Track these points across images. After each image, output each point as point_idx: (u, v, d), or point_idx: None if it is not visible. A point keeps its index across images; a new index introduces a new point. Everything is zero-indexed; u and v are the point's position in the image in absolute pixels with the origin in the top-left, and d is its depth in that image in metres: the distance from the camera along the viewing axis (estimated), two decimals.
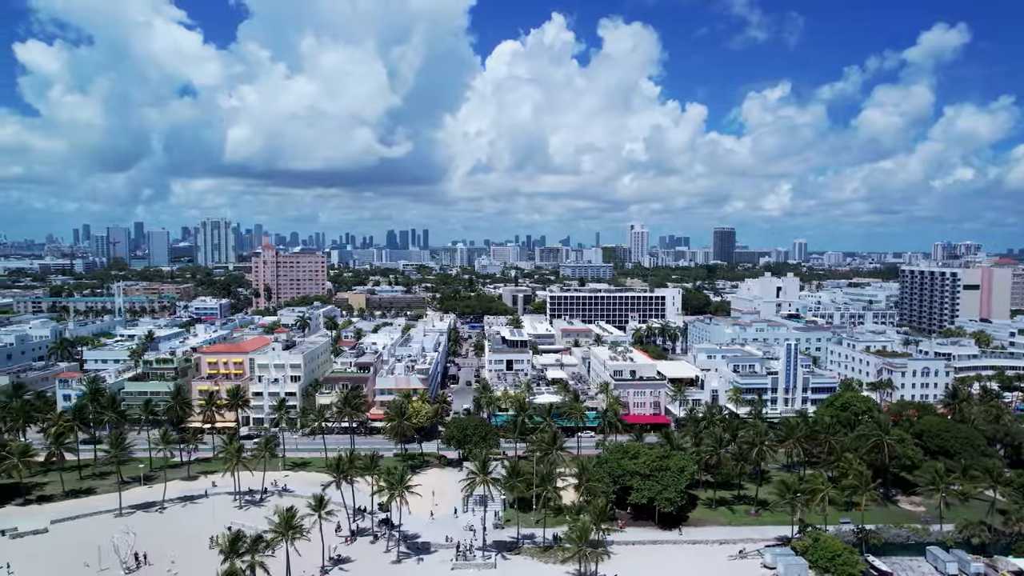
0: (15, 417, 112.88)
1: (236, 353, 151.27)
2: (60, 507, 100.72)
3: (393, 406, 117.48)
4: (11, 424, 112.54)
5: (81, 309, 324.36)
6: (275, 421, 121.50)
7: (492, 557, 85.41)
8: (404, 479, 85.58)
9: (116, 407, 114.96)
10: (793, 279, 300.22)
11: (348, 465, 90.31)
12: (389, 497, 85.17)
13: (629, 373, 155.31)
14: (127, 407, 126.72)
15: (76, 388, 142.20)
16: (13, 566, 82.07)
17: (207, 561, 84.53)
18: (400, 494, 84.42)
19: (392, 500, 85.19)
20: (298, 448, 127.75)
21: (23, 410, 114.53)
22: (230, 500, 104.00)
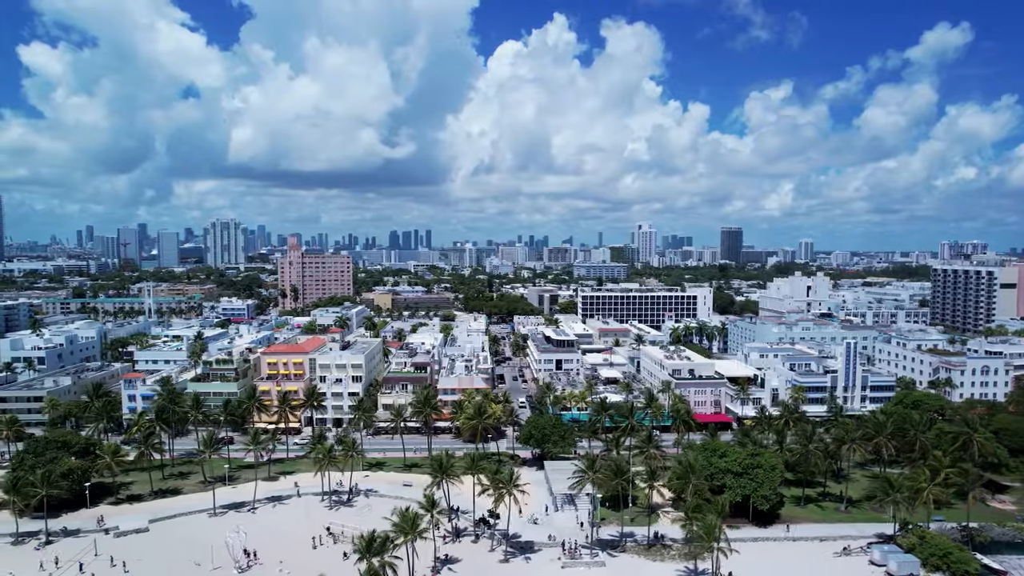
0: (98, 417, 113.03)
1: (296, 354, 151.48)
2: (153, 506, 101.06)
3: (474, 406, 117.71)
4: (95, 424, 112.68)
5: (109, 310, 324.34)
6: (353, 421, 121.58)
7: (599, 555, 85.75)
8: (513, 478, 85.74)
9: (199, 407, 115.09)
10: (823, 279, 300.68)
11: (450, 465, 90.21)
12: (498, 496, 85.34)
13: (687, 372, 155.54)
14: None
15: (142, 389, 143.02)
16: (127, 565, 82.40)
17: (312, 560, 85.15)
18: (509, 493, 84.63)
19: (501, 499, 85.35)
20: (369, 448, 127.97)
21: (105, 410, 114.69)
22: (318, 500, 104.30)
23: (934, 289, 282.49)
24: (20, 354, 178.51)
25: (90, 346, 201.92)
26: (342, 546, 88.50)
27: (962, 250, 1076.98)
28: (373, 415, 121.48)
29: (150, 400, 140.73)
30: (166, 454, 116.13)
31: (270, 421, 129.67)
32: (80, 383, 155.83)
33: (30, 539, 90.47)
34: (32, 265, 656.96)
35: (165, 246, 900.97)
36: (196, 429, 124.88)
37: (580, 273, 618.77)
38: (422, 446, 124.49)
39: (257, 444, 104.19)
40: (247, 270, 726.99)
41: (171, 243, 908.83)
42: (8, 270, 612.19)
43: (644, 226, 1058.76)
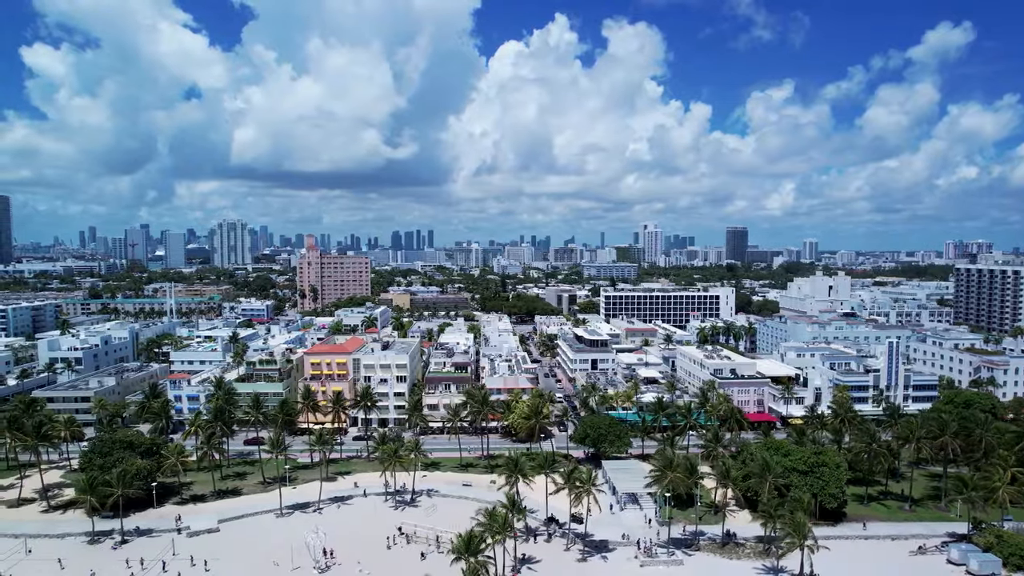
0: (157, 417, 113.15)
1: (339, 354, 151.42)
2: (217, 507, 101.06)
3: (531, 405, 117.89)
4: (156, 424, 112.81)
5: (130, 311, 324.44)
6: (410, 421, 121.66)
7: (675, 554, 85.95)
8: (592, 477, 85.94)
9: (259, 408, 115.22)
10: (844, 279, 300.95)
11: (524, 464, 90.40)
12: (576, 496, 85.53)
13: (729, 372, 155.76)
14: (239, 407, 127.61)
15: (188, 389, 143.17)
16: (208, 564, 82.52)
17: (389, 560, 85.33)
18: (588, 492, 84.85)
19: (580, 499, 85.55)
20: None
21: (163, 410, 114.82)
22: (381, 500, 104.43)
23: (957, 288, 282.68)
24: (57, 355, 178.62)
25: (123, 347, 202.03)
26: (416, 546, 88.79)
27: (967, 249, 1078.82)
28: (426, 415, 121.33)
29: (195, 400, 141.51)
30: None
31: (318, 421, 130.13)
32: (123, 383, 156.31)
33: (105, 538, 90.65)
34: (42, 266, 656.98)
35: (172, 247, 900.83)
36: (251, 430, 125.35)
37: (591, 273, 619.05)
38: (468, 446, 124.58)
39: (322, 444, 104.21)
40: (255, 270, 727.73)
41: (178, 244, 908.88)
42: (18, 271, 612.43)
43: (650, 226, 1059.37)
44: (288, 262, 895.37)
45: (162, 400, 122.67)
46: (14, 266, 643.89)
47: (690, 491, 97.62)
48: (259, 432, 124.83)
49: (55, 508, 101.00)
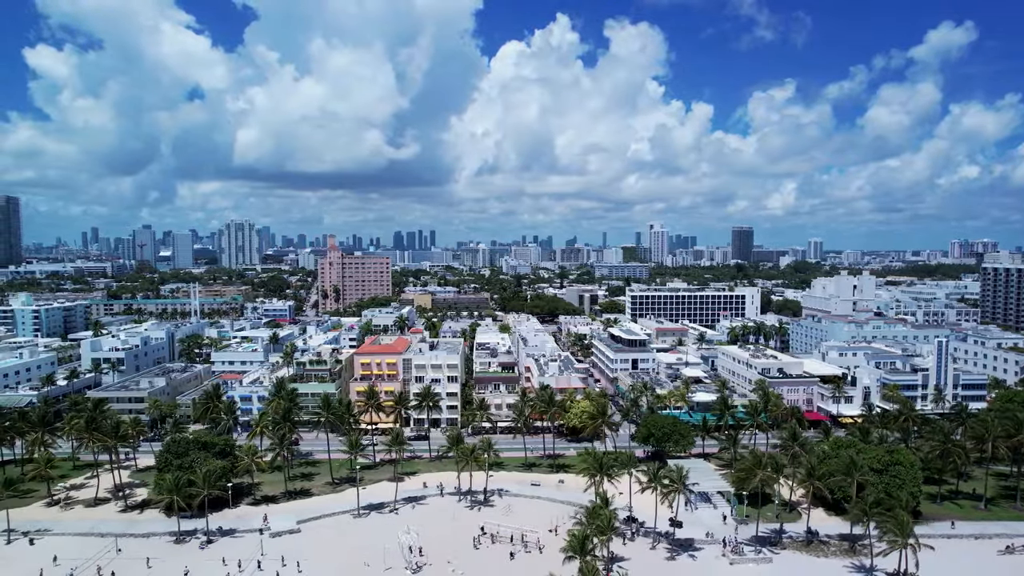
0: (226, 417, 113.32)
1: (389, 354, 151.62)
2: (291, 507, 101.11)
3: (599, 405, 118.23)
4: (225, 424, 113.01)
5: (153, 311, 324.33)
6: (476, 420, 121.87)
7: (763, 551, 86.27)
8: (683, 476, 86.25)
9: (329, 408, 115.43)
10: (869, 278, 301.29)
11: (610, 464, 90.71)
12: (666, 494, 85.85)
13: (777, 371, 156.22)
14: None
15: (240, 390, 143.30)
16: (300, 565, 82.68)
17: (478, 560, 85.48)
18: (680, 491, 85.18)
19: (668, 497, 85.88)
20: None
21: (231, 410, 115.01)
22: (455, 500, 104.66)
23: (983, 288, 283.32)
24: (99, 355, 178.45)
25: (160, 348, 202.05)
26: (501, 546, 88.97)
27: (973, 249, 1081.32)
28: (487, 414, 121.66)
29: (247, 401, 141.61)
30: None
31: (371, 422, 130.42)
32: (171, 384, 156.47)
33: (189, 538, 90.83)
34: (52, 267, 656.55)
35: (179, 247, 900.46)
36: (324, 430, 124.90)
37: (602, 273, 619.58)
38: (518, 445, 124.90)
39: (398, 445, 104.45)
40: (264, 270, 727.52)
41: (186, 244, 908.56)
42: (29, 272, 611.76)
43: (656, 226, 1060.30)
44: (296, 262, 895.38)
45: (228, 400, 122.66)
46: (24, 267, 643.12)
47: (763, 490, 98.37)
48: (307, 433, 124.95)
49: (132, 508, 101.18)
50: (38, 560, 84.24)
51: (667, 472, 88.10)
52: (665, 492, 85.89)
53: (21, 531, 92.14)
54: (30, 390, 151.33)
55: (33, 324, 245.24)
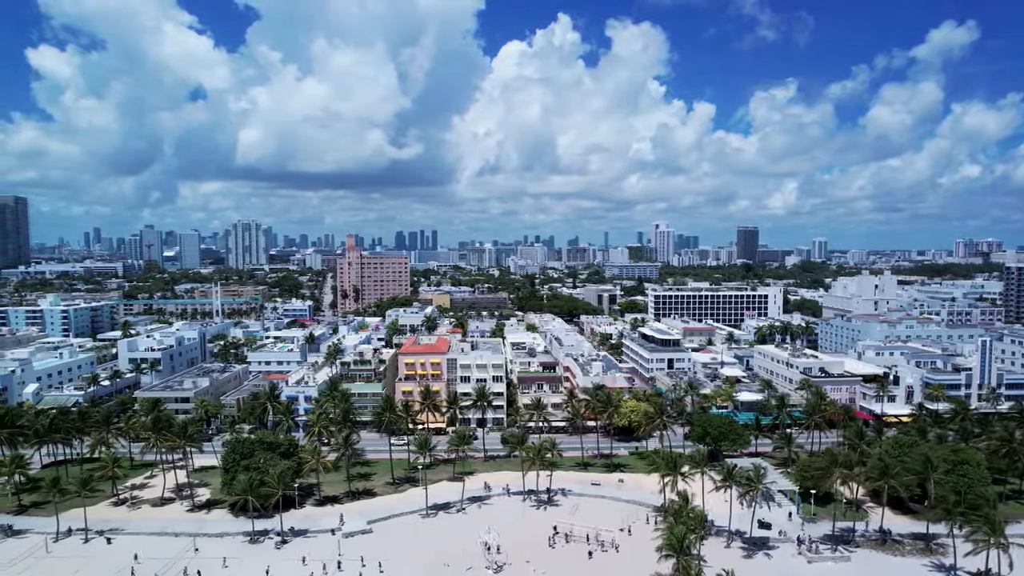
0: (284, 418, 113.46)
1: (434, 354, 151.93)
2: (356, 507, 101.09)
3: (655, 404, 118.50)
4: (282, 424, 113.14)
5: (173, 311, 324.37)
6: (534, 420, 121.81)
7: (838, 550, 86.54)
8: (760, 475, 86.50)
9: (393, 409, 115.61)
10: (891, 278, 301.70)
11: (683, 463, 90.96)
12: (744, 494, 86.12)
13: (818, 370, 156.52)
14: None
15: (287, 390, 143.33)
16: (382, 566, 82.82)
17: (556, 559, 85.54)
18: (757, 490, 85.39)
19: (753, 497, 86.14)
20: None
21: (289, 411, 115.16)
22: (520, 500, 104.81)
23: (1007, 287, 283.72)
24: (136, 355, 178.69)
25: (193, 348, 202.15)
26: (576, 545, 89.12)
27: (978, 248, 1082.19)
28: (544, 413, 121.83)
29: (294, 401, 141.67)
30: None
31: (417, 421, 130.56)
32: (214, 383, 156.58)
33: (263, 538, 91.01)
34: (61, 267, 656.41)
35: (186, 247, 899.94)
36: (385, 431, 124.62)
37: (613, 273, 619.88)
38: (569, 445, 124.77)
39: (463, 444, 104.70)
40: (272, 270, 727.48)
41: (192, 244, 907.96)
42: (39, 272, 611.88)
43: (661, 225, 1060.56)
44: (303, 262, 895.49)
45: (287, 401, 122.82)
46: (34, 267, 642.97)
47: (824, 489, 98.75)
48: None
49: (198, 507, 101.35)
50: (119, 559, 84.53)
51: (743, 471, 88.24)
52: (745, 491, 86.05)
53: (95, 530, 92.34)
54: (74, 390, 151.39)
55: (62, 324, 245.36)
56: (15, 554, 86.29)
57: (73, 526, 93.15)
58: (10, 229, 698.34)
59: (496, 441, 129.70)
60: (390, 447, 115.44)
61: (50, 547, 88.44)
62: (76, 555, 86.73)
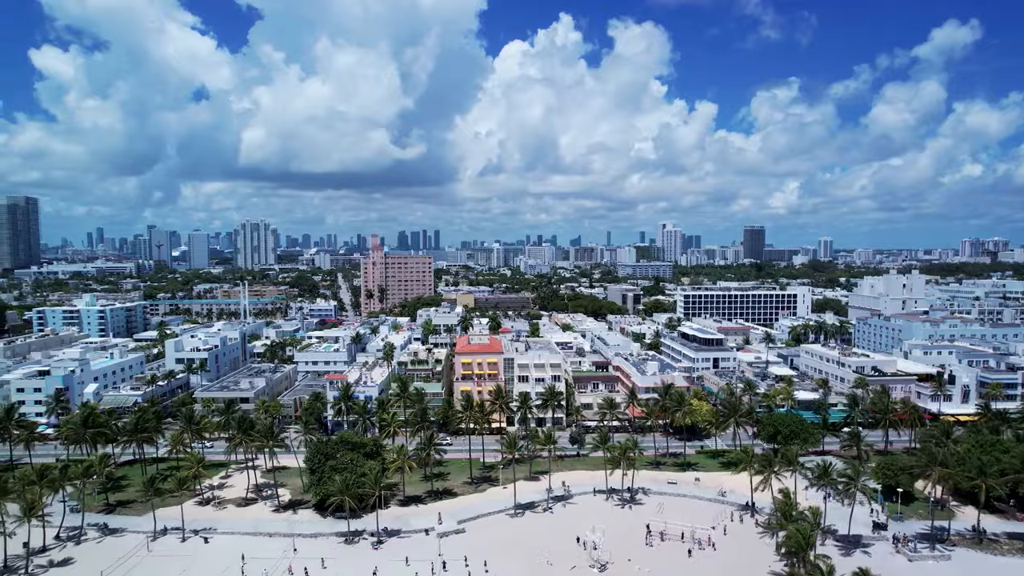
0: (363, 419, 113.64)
1: (490, 354, 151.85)
2: (444, 507, 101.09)
3: (730, 404, 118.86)
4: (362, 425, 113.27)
5: (199, 311, 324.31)
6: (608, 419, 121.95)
7: (936, 549, 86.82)
8: (859, 473, 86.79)
9: (471, 408, 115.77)
10: (919, 277, 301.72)
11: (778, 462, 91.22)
12: (844, 491, 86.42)
13: (871, 369, 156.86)
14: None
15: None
16: (487, 565, 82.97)
17: (656, 557, 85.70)
18: (856, 488, 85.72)
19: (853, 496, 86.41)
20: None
21: (366, 411, 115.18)
22: (603, 499, 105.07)
23: None
24: (183, 355, 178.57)
25: (235, 348, 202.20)
26: (671, 543, 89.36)
27: (983, 247, 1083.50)
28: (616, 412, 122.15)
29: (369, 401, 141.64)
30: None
31: (477, 422, 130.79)
32: (269, 383, 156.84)
33: (357, 538, 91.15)
34: (73, 267, 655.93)
35: (195, 248, 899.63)
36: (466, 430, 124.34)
37: (626, 272, 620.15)
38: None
39: (548, 443, 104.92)
40: (282, 271, 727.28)
41: (201, 244, 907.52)
42: (52, 272, 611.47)
43: (668, 225, 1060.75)
44: (312, 261, 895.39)
45: (363, 401, 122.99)
46: (46, 268, 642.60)
47: (908, 487, 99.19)
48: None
49: (283, 508, 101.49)
50: (222, 558, 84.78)
51: (841, 470, 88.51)
52: (844, 490, 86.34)
53: (190, 529, 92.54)
54: (131, 391, 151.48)
55: (99, 324, 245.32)
56: (120, 552, 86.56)
57: (167, 525, 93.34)
58: (20, 230, 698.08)
59: (562, 440, 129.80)
60: (469, 447, 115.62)
61: (150, 546, 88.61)
62: (178, 554, 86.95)
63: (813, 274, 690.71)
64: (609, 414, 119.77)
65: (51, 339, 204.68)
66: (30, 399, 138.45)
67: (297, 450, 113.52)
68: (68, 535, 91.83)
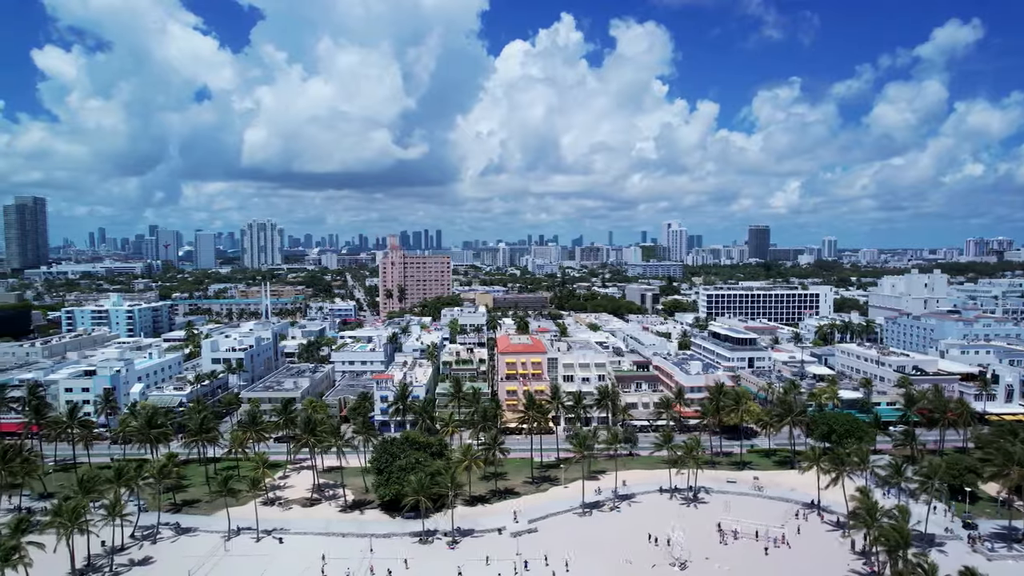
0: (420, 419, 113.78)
1: (535, 354, 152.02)
2: (510, 506, 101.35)
3: (785, 403, 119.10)
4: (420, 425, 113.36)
5: (220, 311, 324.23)
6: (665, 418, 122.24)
7: (1014, 548, 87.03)
8: (937, 472, 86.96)
9: (534, 407, 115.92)
10: (941, 277, 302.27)
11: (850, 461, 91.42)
12: (922, 490, 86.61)
13: (912, 368, 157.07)
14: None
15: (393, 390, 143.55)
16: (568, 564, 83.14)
17: (732, 556, 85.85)
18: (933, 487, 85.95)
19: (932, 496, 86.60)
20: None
21: (426, 410, 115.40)
22: (666, 498, 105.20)
23: None
24: (219, 355, 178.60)
25: (267, 348, 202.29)
26: (746, 541, 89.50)
27: (988, 246, 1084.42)
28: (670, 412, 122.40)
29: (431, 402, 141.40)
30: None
31: (523, 421, 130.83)
32: (313, 383, 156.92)
33: (431, 538, 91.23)
34: (82, 267, 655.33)
35: (202, 248, 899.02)
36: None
37: (636, 272, 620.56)
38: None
39: (619, 443, 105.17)
40: (290, 270, 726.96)
41: (208, 244, 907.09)
42: (62, 272, 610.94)
43: (673, 225, 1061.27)
44: (318, 261, 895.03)
45: (421, 401, 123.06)
46: (55, 268, 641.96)
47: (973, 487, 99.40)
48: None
49: (350, 507, 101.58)
50: (300, 558, 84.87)
51: (918, 468, 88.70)
52: (922, 488, 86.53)
53: (263, 529, 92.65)
54: (174, 391, 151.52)
55: (127, 324, 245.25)
56: (195, 551, 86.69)
57: (239, 525, 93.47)
58: (29, 230, 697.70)
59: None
60: (531, 447, 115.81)
61: (227, 546, 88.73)
62: (254, 554, 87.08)
63: (822, 273, 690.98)
64: (666, 413, 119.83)
65: (85, 339, 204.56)
66: (78, 399, 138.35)
67: (361, 449, 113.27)
68: (143, 534, 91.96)
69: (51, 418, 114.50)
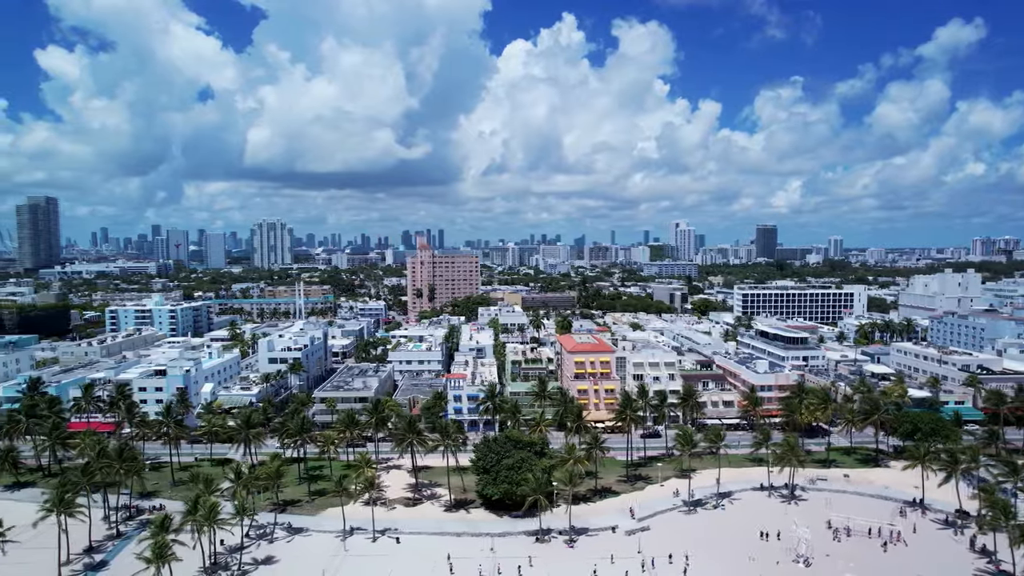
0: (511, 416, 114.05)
1: (603, 353, 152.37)
2: (613, 504, 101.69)
3: (871, 401, 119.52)
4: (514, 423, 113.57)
5: (252, 311, 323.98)
6: (750, 416, 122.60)
7: None
8: None
9: (631, 405, 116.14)
10: (975, 276, 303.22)
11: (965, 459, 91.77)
12: None
13: (976, 367, 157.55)
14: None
15: (469, 389, 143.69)
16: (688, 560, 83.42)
17: (849, 552, 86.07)
18: None
19: None
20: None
21: (517, 409, 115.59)
22: (764, 496, 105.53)
23: None
24: (275, 355, 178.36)
25: (319, 347, 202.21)
26: (859, 538, 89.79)
27: (995, 246, 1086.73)
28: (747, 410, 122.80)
29: (474, 400, 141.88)
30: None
31: (598, 420, 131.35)
32: (381, 383, 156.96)
33: (547, 537, 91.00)
34: (96, 267, 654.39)
35: (212, 247, 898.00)
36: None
37: (652, 272, 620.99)
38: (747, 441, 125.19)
39: (721, 442, 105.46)
40: (299, 270, 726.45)
41: (218, 244, 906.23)
42: (76, 272, 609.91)
43: (681, 224, 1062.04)
44: (328, 261, 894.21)
45: (513, 400, 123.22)
46: (69, 267, 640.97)
47: None
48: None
49: (454, 506, 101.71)
50: (422, 558, 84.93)
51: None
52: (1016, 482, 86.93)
53: (378, 529, 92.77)
54: (241, 390, 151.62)
55: (170, 324, 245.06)
56: (320, 551, 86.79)
57: (352, 525, 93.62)
58: (42, 230, 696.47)
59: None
60: (627, 445, 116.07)
61: (346, 546, 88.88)
62: (372, 554, 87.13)
63: (833, 272, 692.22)
64: (752, 411, 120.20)
65: (137, 339, 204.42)
66: (151, 398, 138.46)
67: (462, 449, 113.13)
68: (257, 534, 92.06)
69: (148, 419, 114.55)
